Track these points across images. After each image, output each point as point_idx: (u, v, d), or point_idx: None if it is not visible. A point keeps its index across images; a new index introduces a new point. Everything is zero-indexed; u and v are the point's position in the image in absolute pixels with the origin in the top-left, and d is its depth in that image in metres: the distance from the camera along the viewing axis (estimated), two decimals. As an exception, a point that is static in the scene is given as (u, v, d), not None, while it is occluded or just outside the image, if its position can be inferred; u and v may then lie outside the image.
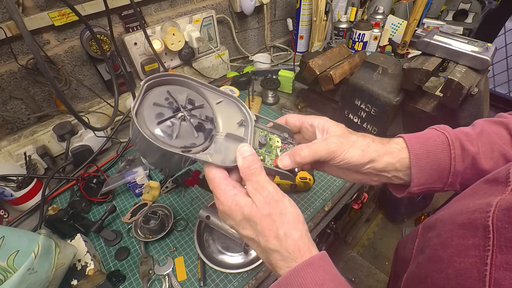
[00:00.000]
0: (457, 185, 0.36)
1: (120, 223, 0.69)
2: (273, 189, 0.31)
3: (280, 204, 0.30)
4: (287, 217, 0.30)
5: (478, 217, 0.25)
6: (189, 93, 0.35)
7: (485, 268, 0.22)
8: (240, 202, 0.31)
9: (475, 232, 0.25)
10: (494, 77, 2.00)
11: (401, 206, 1.68)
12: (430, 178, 0.35)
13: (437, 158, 0.35)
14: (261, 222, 0.30)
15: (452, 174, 0.35)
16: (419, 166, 0.34)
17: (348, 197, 0.76)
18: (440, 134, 0.36)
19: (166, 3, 0.93)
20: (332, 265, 0.30)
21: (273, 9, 1.29)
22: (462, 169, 0.35)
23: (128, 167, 0.75)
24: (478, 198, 0.28)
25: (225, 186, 0.32)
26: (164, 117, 0.31)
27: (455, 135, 0.36)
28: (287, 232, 0.29)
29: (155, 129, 0.30)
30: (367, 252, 1.70)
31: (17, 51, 0.72)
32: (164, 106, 0.32)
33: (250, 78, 1.06)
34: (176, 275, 0.59)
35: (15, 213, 0.71)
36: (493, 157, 0.34)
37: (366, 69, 0.78)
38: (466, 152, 0.34)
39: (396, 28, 1.24)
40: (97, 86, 0.91)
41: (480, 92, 0.63)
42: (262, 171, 0.32)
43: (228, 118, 0.37)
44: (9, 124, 0.79)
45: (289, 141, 0.40)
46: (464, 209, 0.28)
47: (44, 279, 0.45)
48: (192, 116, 0.33)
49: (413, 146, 0.35)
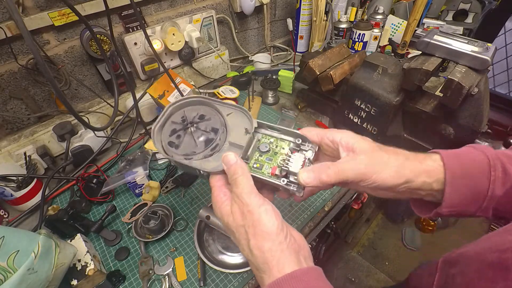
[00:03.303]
0: (490, 211, 0.33)
1: (120, 223, 0.69)
2: (249, 200, 0.30)
3: (254, 215, 0.29)
4: (258, 228, 0.29)
5: (510, 257, 0.23)
6: (203, 110, 0.40)
7: None
8: (223, 211, 0.32)
9: (506, 274, 0.23)
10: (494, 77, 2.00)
11: (401, 206, 1.68)
12: (464, 200, 0.32)
13: (475, 179, 0.32)
14: (237, 231, 0.31)
15: (488, 199, 0.31)
16: (454, 186, 0.31)
17: (348, 197, 0.76)
18: (479, 153, 0.33)
19: (166, 3, 0.93)
20: (319, 280, 0.28)
21: (273, 9, 1.29)
22: (501, 193, 0.31)
23: (128, 167, 0.75)
24: (509, 235, 0.26)
25: (217, 193, 0.33)
26: (175, 132, 0.39)
27: (496, 155, 0.33)
28: (256, 244, 0.29)
29: (167, 141, 0.38)
30: (367, 252, 1.70)
31: (17, 51, 0.72)
32: (178, 123, 0.39)
33: (250, 78, 1.06)
34: (176, 275, 0.59)
35: (15, 213, 0.71)
36: None
37: (366, 69, 0.78)
38: (509, 176, 0.31)
39: (396, 28, 1.24)
40: (97, 86, 0.91)
41: (480, 92, 0.63)
42: (244, 180, 0.31)
43: (237, 127, 0.39)
44: (9, 124, 0.79)
45: (303, 148, 0.37)
46: (494, 246, 0.26)
47: (44, 279, 0.45)
48: (197, 129, 0.39)
49: (450, 164, 0.32)
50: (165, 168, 0.81)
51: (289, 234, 0.30)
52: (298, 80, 0.95)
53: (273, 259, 0.28)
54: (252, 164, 0.37)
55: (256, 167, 0.36)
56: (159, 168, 0.82)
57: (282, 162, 0.35)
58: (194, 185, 0.77)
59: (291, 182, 0.34)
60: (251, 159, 0.37)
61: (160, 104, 0.83)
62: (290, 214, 0.69)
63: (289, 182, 0.34)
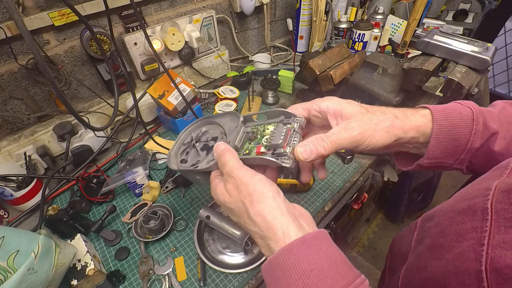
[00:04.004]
0: (465, 163, 0.35)
1: (120, 223, 0.69)
2: (240, 174, 0.31)
3: (249, 186, 0.30)
4: (255, 195, 0.30)
5: (477, 202, 0.25)
6: (206, 126, 0.47)
7: (481, 249, 0.22)
8: (218, 192, 0.34)
9: (473, 216, 0.25)
10: (494, 77, 2.00)
11: (401, 206, 1.68)
12: (444, 152, 0.34)
13: (459, 132, 0.33)
14: (235, 206, 0.32)
15: (467, 151, 0.34)
16: (440, 138, 0.33)
17: (348, 197, 0.76)
18: (466, 108, 0.35)
19: (166, 3, 0.93)
20: (328, 243, 0.29)
21: (273, 9, 1.29)
22: (479, 146, 0.33)
23: (128, 167, 0.75)
24: (476, 184, 0.28)
25: (213, 179, 0.36)
26: (184, 151, 0.46)
27: (480, 110, 0.34)
28: (257, 211, 0.29)
29: (179, 159, 0.45)
30: (367, 252, 1.70)
31: (17, 51, 0.72)
32: (186, 143, 0.47)
33: (250, 78, 1.06)
34: (176, 275, 0.59)
35: (15, 213, 0.71)
36: (506, 138, 0.34)
37: (366, 69, 0.78)
38: (487, 130, 0.33)
39: (396, 28, 1.24)
40: (97, 86, 0.91)
41: (480, 92, 0.63)
42: (231, 158, 0.33)
43: (233, 130, 0.42)
44: (9, 124, 0.79)
45: (287, 122, 0.37)
46: (464, 196, 0.28)
47: (44, 279, 0.45)
48: (200, 142, 0.45)
49: (438, 118, 0.34)
50: (165, 168, 0.81)
51: (287, 201, 0.31)
52: (298, 80, 0.95)
53: (276, 221, 0.28)
54: (242, 152, 0.38)
55: (245, 153, 0.37)
56: (159, 168, 0.82)
57: (266, 140, 0.36)
58: (194, 185, 0.77)
59: (279, 154, 0.33)
60: (242, 149, 0.38)
61: (160, 104, 0.83)
62: (290, 214, 0.69)
63: (276, 154, 0.34)
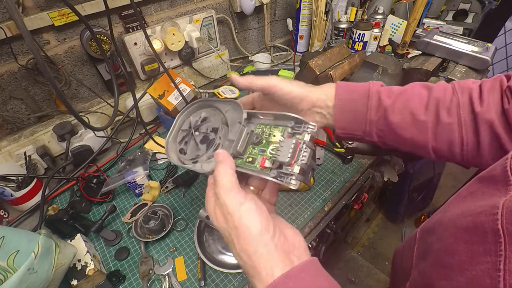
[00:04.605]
0: (374, 136, 0.40)
1: (120, 223, 0.69)
2: (228, 200, 0.29)
3: (235, 216, 0.28)
4: (240, 230, 0.28)
5: (485, 221, 0.24)
6: (206, 112, 0.40)
7: (498, 274, 0.21)
8: (209, 208, 0.32)
9: (484, 237, 0.24)
10: (494, 77, 2.00)
11: (401, 206, 1.68)
12: (350, 123, 0.40)
13: (355, 105, 0.39)
14: (223, 233, 0.31)
15: (368, 123, 0.39)
16: (341, 109, 0.39)
17: (348, 197, 0.75)
18: (365, 85, 0.40)
19: (166, 3, 0.93)
20: (317, 273, 0.28)
21: (273, 9, 1.29)
22: (376, 118, 0.38)
23: (128, 167, 0.75)
24: (478, 200, 0.27)
25: (208, 190, 0.33)
26: (183, 139, 0.40)
27: (376, 88, 0.40)
28: (242, 248, 0.28)
29: (178, 149, 0.40)
30: (367, 252, 1.70)
31: (17, 51, 0.72)
32: (185, 130, 0.41)
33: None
34: (176, 275, 0.59)
35: (15, 213, 0.71)
36: (403, 112, 0.38)
37: (366, 69, 0.78)
38: (380, 103, 0.38)
39: (396, 28, 1.24)
40: (97, 86, 0.91)
41: (480, 92, 0.63)
42: (223, 178, 0.30)
43: (235, 123, 0.36)
44: (9, 124, 0.79)
45: (297, 131, 0.32)
46: (466, 211, 0.27)
47: (44, 279, 0.45)
48: (200, 132, 0.39)
49: (339, 91, 0.39)
50: (165, 168, 0.81)
51: (278, 233, 0.28)
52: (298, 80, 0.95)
53: (260, 262, 0.27)
54: (245, 159, 0.34)
55: (249, 161, 0.33)
56: (159, 168, 0.82)
57: (273, 152, 0.31)
58: (194, 185, 0.77)
59: (283, 173, 0.30)
60: (245, 154, 0.34)
61: (160, 104, 0.83)
62: (290, 214, 0.69)
63: (281, 173, 0.30)
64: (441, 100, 0.37)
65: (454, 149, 0.37)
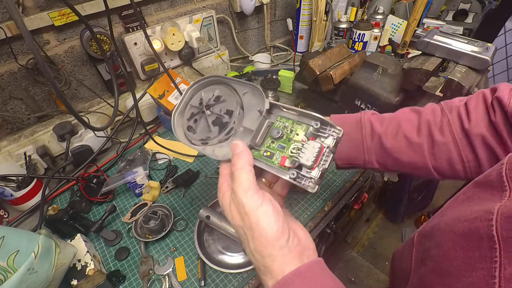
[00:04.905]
0: (375, 163, 0.42)
1: (120, 223, 0.69)
2: (245, 200, 0.28)
3: (252, 217, 0.28)
4: (257, 232, 0.28)
5: (480, 226, 0.24)
6: (220, 90, 0.37)
7: (493, 281, 0.21)
8: (224, 204, 0.31)
9: (479, 242, 0.23)
10: (494, 77, 2.00)
11: (401, 206, 1.68)
12: (349, 153, 0.42)
13: (352, 135, 0.41)
14: (237, 231, 0.31)
15: (366, 151, 0.41)
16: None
17: (348, 197, 0.75)
18: (357, 115, 0.42)
19: (166, 3, 0.93)
20: (323, 273, 0.28)
21: (273, 9, 1.29)
22: (373, 146, 0.41)
23: (128, 167, 0.75)
24: (474, 205, 0.27)
25: (222, 182, 0.33)
26: (193, 116, 0.38)
27: (368, 117, 0.42)
28: (256, 249, 0.28)
29: (186, 125, 0.38)
30: (367, 252, 1.70)
31: (17, 51, 0.72)
32: (196, 106, 0.38)
33: (250, 78, 1.06)
34: (176, 275, 0.59)
35: (15, 213, 0.71)
36: (396, 137, 0.39)
37: (366, 69, 0.78)
38: (374, 131, 0.40)
39: (396, 28, 1.24)
40: (97, 86, 0.91)
41: (480, 92, 0.63)
42: (242, 175, 0.29)
43: (253, 109, 0.35)
44: (9, 124, 0.79)
45: (322, 134, 0.30)
46: (462, 216, 0.27)
47: (44, 279, 0.45)
48: (212, 112, 0.36)
49: (334, 121, 0.39)
50: (165, 168, 0.81)
51: (292, 235, 0.28)
52: (298, 80, 0.95)
53: (274, 264, 0.27)
54: (263, 152, 0.32)
55: (266, 155, 0.32)
56: (159, 168, 0.82)
57: (294, 151, 0.30)
58: (194, 185, 0.77)
59: (303, 175, 0.29)
60: (263, 146, 0.33)
61: (160, 104, 0.83)
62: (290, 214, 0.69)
63: (300, 175, 0.29)
64: (432, 121, 0.39)
65: (456, 166, 0.38)
